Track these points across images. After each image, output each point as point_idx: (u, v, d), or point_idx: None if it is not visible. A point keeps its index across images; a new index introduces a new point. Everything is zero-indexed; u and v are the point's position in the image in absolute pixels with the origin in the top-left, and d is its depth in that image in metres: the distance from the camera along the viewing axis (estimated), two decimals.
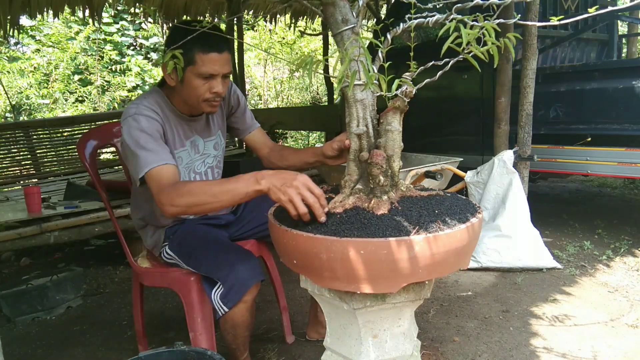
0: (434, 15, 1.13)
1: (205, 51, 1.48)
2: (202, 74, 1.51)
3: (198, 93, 1.55)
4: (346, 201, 1.25)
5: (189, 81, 1.53)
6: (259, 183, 1.24)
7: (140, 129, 1.48)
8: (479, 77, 3.55)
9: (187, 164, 1.69)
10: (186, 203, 1.32)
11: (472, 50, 1.08)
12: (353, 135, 1.28)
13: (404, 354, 1.33)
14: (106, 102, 8.82)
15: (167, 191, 1.36)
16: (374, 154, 1.22)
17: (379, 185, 1.23)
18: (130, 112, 1.52)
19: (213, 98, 1.57)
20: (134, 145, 1.46)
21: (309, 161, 1.72)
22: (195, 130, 1.70)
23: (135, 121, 1.49)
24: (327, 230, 1.15)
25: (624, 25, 5.47)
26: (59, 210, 2.94)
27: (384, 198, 1.23)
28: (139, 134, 1.47)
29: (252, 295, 1.50)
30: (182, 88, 1.56)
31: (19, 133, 4.63)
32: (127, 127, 1.49)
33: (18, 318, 2.54)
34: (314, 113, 7.20)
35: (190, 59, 1.49)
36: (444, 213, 1.22)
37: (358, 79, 1.24)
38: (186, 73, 1.52)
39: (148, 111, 1.53)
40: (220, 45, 1.51)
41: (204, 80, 1.53)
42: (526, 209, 2.81)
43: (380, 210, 1.19)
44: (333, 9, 1.21)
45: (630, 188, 4.65)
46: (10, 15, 4.21)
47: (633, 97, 2.90)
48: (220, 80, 1.55)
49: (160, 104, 1.59)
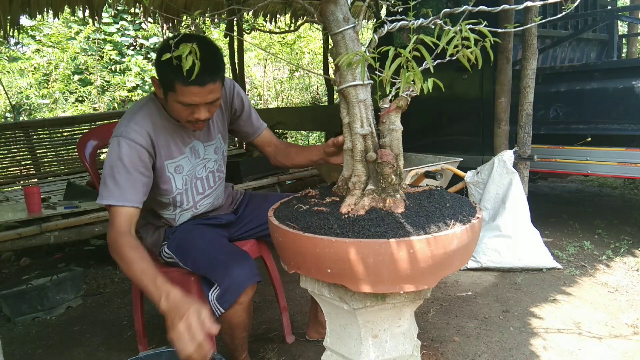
0: (419, 19, 1.14)
1: (185, 83, 1.39)
2: (182, 102, 1.46)
3: (181, 116, 1.52)
4: (362, 203, 1.23)
5: (171, 104, 1.50)
6: (161, 302, 1.24)
7: (120, 157, 1.46)
8: (479, 77, 3.55)
9: (188, 171, 1.67)
10: (116, 259, 1.41)
11: (463, 52, 1.08)
12: (358, 136, 1.27)
13: (404, 354, 1.33)
14: (106, 102, 8.82)
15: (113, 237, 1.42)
16: (383, 153, 1.22)
17: (390, 184, 1.23)
18: (118, 132, 1.50)
19: (195, 122, 1.53)
20: (108, 170, 1.47)
21: (314, 159, 1.71)
22: (194, 135, 1.67)
23: (118, 146, 1.48)
24: (364, 233, 1.12)
25: (624, 25, 5.47)
26: (59, 210, 2.94)
27: (397, 197, 1.24)
28: (116, 162, 1.46)
29: (249, 297, 1.50)
30: (167, 105, 1.54)
31: (19, 133, 4.64)
32: (111, 148, 1.50)
33: (18, 318, 2.54)
34: (314, 113, 7.19)
35: (171, 86, 1.44)
36: (450, 208, 1.26)
37: (358, 80, 1.24)
38: (168, 96, 1.48)
39: (135, 134, 1.49)
40: (203, 77, 1.38)
41: (186, 107, 1.47)
42: (526, 209, 2.81)
43: (399, 209, 1.21)
44: (334, 6, 1.20)
45: (630, 188, 4.65)
46: (10, 15, 4.20)
47: (633, 97, 2.90)
48: (204, 107, 1.48)
49: (154, 117, 1.56)
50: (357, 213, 1.20)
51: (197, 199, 1.72)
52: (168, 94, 1.47)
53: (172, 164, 1.62)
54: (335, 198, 1.32)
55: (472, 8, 1.08)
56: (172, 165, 1.62)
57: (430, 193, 1.36)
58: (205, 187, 1.74)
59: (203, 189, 1.73)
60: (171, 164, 1.62)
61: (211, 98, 1.48)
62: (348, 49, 1.21)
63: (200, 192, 1.72)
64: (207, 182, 1.74)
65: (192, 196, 1.70)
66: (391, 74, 1.04)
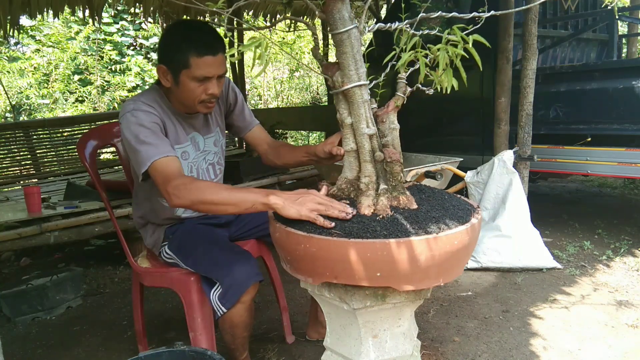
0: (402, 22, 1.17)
1: (200, 54, 1.46)
2: (197, 77, 1.50)
3: (194, 95, 1.54)
4: (381, 203, 1.23)
5: (184, 84, 1.52)
6: (268, 198, 1.25)
7: (140, 123, 1.48)
8: (479, 77, 3.54)
9: (194, 159, 1.70)
10: (192, 198, 1.33)
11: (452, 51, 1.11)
12: (365, 136, 1.26)
13: (404, 354, 1.33)
14: (106, 102, 8.82)
15: (175, 183, 1.37)
16: (390, 152, 1.23)
17: (400, 182, 1.24)
18: (127, 109, 1.52)
19: (209, 99, 1.56)
20: (134, 140, 1.46)
21: (302, 160, 1.70)
22: (193, 127, 1.70)
23: (133, 116, 1.49)
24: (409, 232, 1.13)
25: (624, 25, 5.47)
26: (59, 210, 2.94)
27: (408, 194, 1.25)
28: (138, 129, 1.47)
29: (250, 296, 1.50)
30: (177, 90, 1.55)
31: (19, 133, 4.63)
32: (126, 123, 1.49)
33: (18, 318, 2.54)
34: (314, 113, 7.19)
35: (185, 62, 1.47)
36: (447, 202, 1.30)
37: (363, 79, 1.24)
38: (181, 76, 1.51)
39: (146, 106, 1.53)
40: (214, 47, 1.48)
41: (199, 83, 1.51)
42: (526, 209, 2.81)
43: (413, 205, 1.23)
44: (341, 4, 1.19)
45: (630, 188, 4.65)
46: (10, 15, 4.21)
47: (633, 97, 2.90)
48: (216, 81, 1.54)
49: (158, 101, 1.59)
50: (387, 213, 1.19)
51: None
52: (181, 73, 1.49)
53: (180, 149, 1.64)
54: (344, 201, 1.29)
55: (445, 14, 1.11)
56: (180, 150, 1.64)
57: (419, 188, 1.39)
58: (207, 180, 1.75)
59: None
60: (179, 148, 1.63)
61: (222, 70, 1.53)
62: (353, 48, 1.21)
63: None
64: (207, 175, 1.76)
65: None
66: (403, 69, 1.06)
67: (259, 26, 1.35)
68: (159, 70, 1.54)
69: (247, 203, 1.28)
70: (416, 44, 1.19)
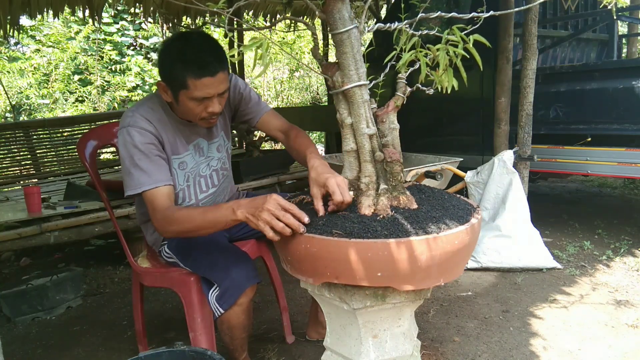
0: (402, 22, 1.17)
1: (197, 76, 1.42)
2: (196, 98, 1.47)
3: (194, 113, 1.52)
4: (382, 203, 1.23)
5: (184, 103, 1.50)
6: (235, 214, 1.28)
7: (134, 144, 1.48)
8: (479, 77, 3.55)
9: (192, 168, 1.68)
10: (175, 230, 1.43)
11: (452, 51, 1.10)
12: (365, 136, 1.26)
13: (404, 354, 1.33)
14: (106, 102, 8.81)
15: (160, 216, 1.44)
16: (390, 152, 1.23)
17: (400, 182, 1.24)
18: (125, 123, 1.52)
19: (209, 117, 1.54)
20: (128, 161, 1.49)
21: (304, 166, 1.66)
22: (197, 133, 1.68)
23: (129, 135, 1.49)
24: (409, 232, 1.13)
25: (624, 25, 5.47)
26: (59, 210, 2.94)
27: (408, 193, 1.25)
28: (133, 150, 1.48)
29: (248, 298, 1.51)
30: (178, 107, 1.54)
31: (19, 133, 4.63)
32: (122, 140, 1.51)
33: (18, 318, 2.54)
34: (314, 113, 7.18)
35: (182, 83, 1.44)
36: (447, 202, 1.31)
37: (363, 79, 1.24)
38: (180, 96, 1.48)
39: (143, 122, 1.51)
40: (212, 66, 1.42)
41: (199, 102, 1.48)
42: (526, 209, 2.81)
43: (414, 205, 1.23)
44: (341, 4, 1.19)
45: (630, 188, 4.65)
46: (10, 15, 4.20)
47: (633, 97, 2.90)
48: (216, 100, 1.50)
49: (158, 111, 1.57)
50: (387, 213, 1.19)
51: (200, 197, 1.72)
52: (179, 93, 1.47)
53: (177, 160, 1.63)
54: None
55: (445, 14, 1.11)
56: (177, 161, 1.63)
57: (419, 188, 1.39)
58: (209, 185, 1.74)
59: (207, 187, 1.74)
60: (176, 159, 1.63)
61: (222, 88, 1.49)
62: (353, 48, 1.21)
63: (203, 190, 1.72)
64: (210, 181, 1.75)
65: (194, 193, 1.70)
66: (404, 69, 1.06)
67: (259, 26, 1.34)
68: (159, 86, 1.53)
69: (221, 223, 1.34)
70: (416, 44, 1.19)
